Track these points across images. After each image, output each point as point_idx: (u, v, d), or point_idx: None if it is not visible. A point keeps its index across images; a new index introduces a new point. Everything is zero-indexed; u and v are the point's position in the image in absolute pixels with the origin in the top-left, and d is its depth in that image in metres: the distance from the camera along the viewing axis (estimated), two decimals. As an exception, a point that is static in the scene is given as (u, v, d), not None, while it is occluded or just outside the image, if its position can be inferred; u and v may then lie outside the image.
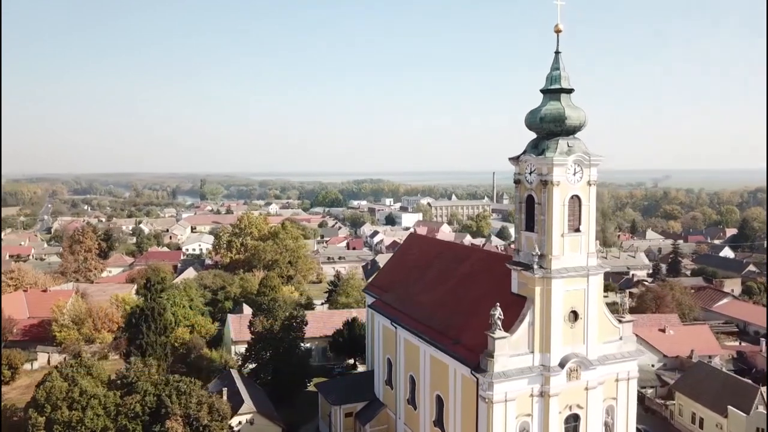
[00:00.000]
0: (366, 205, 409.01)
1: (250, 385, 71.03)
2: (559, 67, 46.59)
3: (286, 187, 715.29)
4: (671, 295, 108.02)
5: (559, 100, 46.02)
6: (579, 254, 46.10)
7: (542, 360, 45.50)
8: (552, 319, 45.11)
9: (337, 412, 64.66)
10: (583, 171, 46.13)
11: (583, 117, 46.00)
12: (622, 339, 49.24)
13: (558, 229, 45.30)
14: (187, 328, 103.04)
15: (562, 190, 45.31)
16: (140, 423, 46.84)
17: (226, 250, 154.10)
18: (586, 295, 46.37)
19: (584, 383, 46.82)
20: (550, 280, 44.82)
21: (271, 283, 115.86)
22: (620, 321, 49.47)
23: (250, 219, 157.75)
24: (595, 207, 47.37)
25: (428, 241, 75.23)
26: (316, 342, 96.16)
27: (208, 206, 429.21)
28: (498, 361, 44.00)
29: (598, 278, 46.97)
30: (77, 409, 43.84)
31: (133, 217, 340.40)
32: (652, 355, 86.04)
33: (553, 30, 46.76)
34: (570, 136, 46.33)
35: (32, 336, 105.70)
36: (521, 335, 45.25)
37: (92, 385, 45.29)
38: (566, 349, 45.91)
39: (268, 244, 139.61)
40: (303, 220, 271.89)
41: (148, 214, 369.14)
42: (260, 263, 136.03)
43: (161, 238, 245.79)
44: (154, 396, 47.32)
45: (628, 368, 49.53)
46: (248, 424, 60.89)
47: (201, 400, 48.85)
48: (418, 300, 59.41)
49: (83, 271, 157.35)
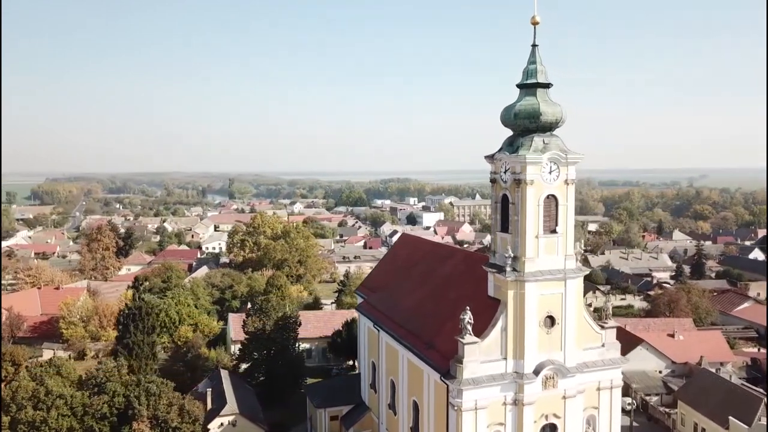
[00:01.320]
0: (389, 204, 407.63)
1: (240, 386, 70.47)
2: (536, 61, 44.47)
3: (314, 186, 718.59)
4: (686, 298, 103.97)
5: (535, 96, 43.96)
6: (556, 257, 44.00)
7: (516, 367, 43.56)
8: (526, 324, 43.14)
9: (322, 415, 63.60)
10: (559, 169, 43.97)
11: (560, 113, 43.82)
12: (605, 346, 46.95)
13: (532, 231, 43.29)
14: (190, 326, 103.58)
15: (536, 189, 43.27)
16: (108, 424, 46.47)
17: (239, 249, 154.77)
18: (564, 299, 44.25)
19: (561, 392, 44.69)
20: (524, 284, 42.88)
21: (278, 282, 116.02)
22: (602, 327, 47.13)
23: (263, 218, 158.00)
24: (573, 207, 45.09)
25: (417, 241, 73.53)
26: (316, 342, 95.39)
27: (234, 205, 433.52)
28: (467, 367, 42.26)
29: (576, 282, 44.80)
30: (42, 409, 43.63)
31: (159, 215, 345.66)
32: (659, 361, 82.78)
33: (530, 22, 44.72)
34: (547, 133, 44.22)
35: (41, 333, 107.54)
36: (493, 341, 43.37)
37: (59, 385, 45.03)
38: (542, 355, 43.87)
39: (279, 244, 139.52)
40: (324, 219, 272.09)
41: (174, 213, 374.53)
42: (270, 262, 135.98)
43: (183, 236, 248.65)
44: (123, 397, 46.87)
45: (611, 376, 47.20)
46: (230, 426, 60.21)
47: (171, 401, 48.25)
48: (399, 302, 57.91)
49: (100, 269, 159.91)
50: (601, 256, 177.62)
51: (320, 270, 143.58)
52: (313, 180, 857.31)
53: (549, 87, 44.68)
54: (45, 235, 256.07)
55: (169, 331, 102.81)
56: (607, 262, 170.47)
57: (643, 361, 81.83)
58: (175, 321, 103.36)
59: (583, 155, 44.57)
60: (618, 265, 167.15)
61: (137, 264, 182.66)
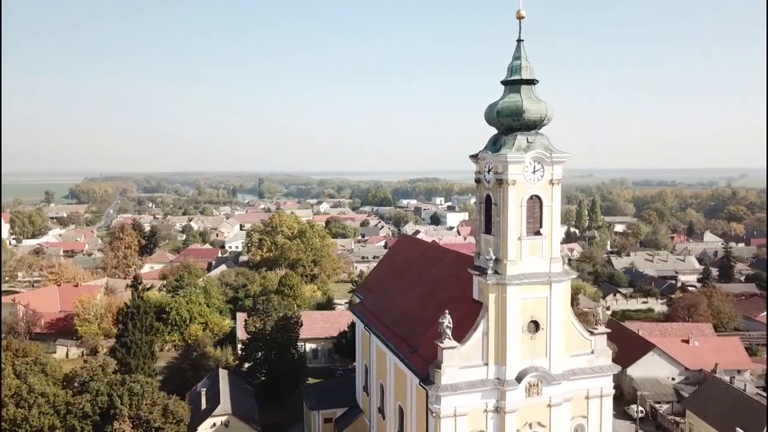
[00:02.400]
0: (414, 204, 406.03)
1: (238, 386, 70.33)
2: (521, 57, 42.91)
3: (343, 186, 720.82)
4: (707, 302, 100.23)
5: (519, 92, 42.42)
6: (540, 259, 42.38)
7: (497, 373, 42.10)
8: (508, 329, 41.66)
9: (316, 417, 62.98)
10: (544, 169, 42.34)
11: (545, 110, 42.16)
12: (594, 352, 45.05)
13: (514, 232, 41.79)
14: (201, 325, 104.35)
15: (518, 189, 41.73)
16: (90, 423, 46.62)
17: (257, 248, 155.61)
18: (549, 303, 42.59)
19: (546, 399, 43.04)
20: (505, 287, 41.40)
21: (290, 281, 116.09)
22: (592, 333, 45.27)
23: (280, 218, 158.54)
24: (559, 208, 43.40)
25: (414, 242, 72.34)
26: (323, 343, 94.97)
27: (262, 205, 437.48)
28: (446, 372, 41.01)
29: (562, 286, 43.02)
30: (24, 407, 43.99)
31: (186, 214, 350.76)
32: (672, 367, 79.93)
33: (515, 16, 43.18)
34: (532, 132, 42.65)
35: (58, 329, 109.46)
36: (473, 346, 42.01)
37: (42, 383, 45.34)
38: (525, 362, 42.31)
39: (294, 243, 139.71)
40: (347, 219, 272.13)
41: (203, 212, 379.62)
42: (285, 262, 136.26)
43: (208, 235, 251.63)
44: (106, 396, 46.98)
45: (601, 384, 45.25)
46: (223, 426, 60.05)
47: (155, 401, 48.15)
48: (390, 304, 56.89)
49: (122, 267, 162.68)
50: (625, 258, 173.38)
51: (336, 270, 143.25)
52: (342, 180, 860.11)
53: (534, 83, 43.04)
54: (75, 233, 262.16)
55: (179, 330, 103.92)
56: (631, 264, 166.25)
57: (654, 367, 79.26)
58: (185, 319, 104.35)
59: (568, 154, 42.85)
60: (642, 267, 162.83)
61: (160, 262, 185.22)
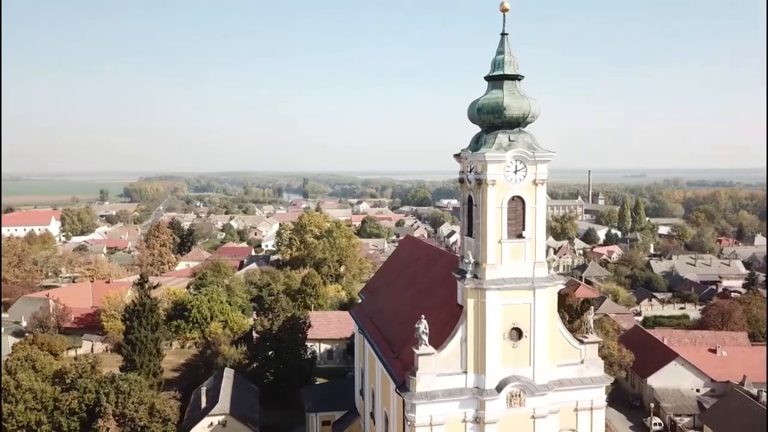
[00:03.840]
0: (454, 204, 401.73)
1: (243, 386, 70.40)
2: (504, 51, 40.92)
3: (386, 185, 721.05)
4: (742, 309, 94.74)
5: (501, 89, 40.47)
6: (523, 263, 40.32)
7: (477, 382, 40.28)
8: (487, 335, 39.80)
9: (314, 420, 62.29)
10: (527, 168, 40.25)
11: (528, 107, 40.03)
12: (584, 362, 42.60)
13: (494, 235, 39.88)
14: (221, 323, 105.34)
15: (498, 190, 39.80)
16: (78, 420, 47.18)
17: (286, 247, 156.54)
18: (532, 310, 40.47)
19: (530, 411, 40.91)
20: (484, 292, 39.56)
21: (312, 281, 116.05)
22: (581, 342, 42.86)
23: (309, 217, 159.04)
24: (544, 209, 41.20)
25: (417, 242, 70.57)
26: (337, 344, 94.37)
27: (304, 204, 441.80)
28: (421, 380, 39.50)
29: (547, 291, 40.78)
30: (11, 402, 44.82)
31: (229, 213, 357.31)
32: (696, 378, 75.67)
33: (499, 9, 41.21)
34: (515, 130, 40.63)
35: (87, 324, 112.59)
36: (451, 353, 40.33)
37: (30, 379, 46.13)
38: (507, 371, 40.33)
39: (321, 243, 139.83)
40: (383, 219, 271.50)
41: (246, 211, 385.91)
42: (311, 261, 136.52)
43: (246, 234, 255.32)
44: (94, 393, 47.46)
45: (592, 396, 42.70)
46: (220, 426, 60.07)
47: (143, 400, 48.34)
48: (384, 307, 55.70)
49: (157, 264, 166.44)
50: (666, 262, 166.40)
51: (362, 270, 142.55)
52: (387, 179, 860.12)
53: (518, 79, 41.00)
54: (120, 230, 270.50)
55: (200, 327, 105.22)
56: (671, 267, 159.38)
57: (676, 377, 75.33)
58: (206, 317, 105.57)
59: (553, 153, 40.63)
60: (684, 272, 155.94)
61: (195, 260, 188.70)
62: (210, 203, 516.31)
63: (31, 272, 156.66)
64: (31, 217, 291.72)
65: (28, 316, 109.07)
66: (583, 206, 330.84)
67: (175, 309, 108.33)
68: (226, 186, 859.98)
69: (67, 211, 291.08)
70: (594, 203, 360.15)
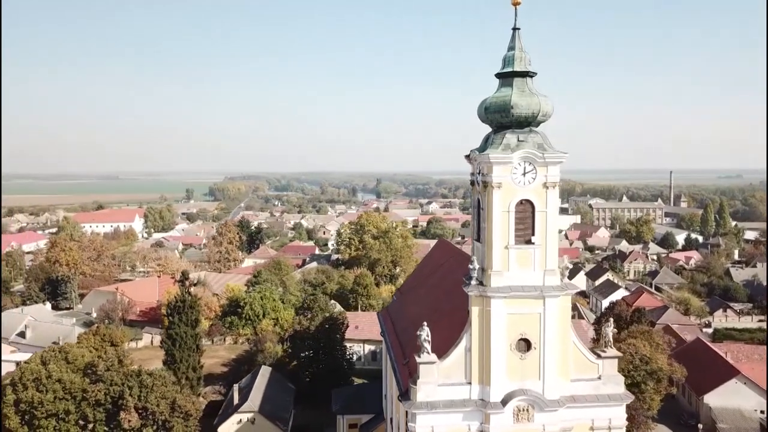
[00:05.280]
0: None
1: (277, 384, 71.24)
2: (515, 47, 38.88)
3: (460, 185, 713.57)
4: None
5: (511, 86, 38.46)
6: (532, 271, 38.19)
7: (481, 394, 38.57)
8: (492, 346, 38.01)
9: (341, 422, 62.05)
10: (536, 170, 38.05)
11: (538, 105, 37.77)
12: (602, 378, 39.78)
13: (500, 240, 37.99)
14: (272, 320, 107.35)
15: (505, 192, 37.86)
16: (103, 411, 49.13)
17: (346, 247, 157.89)
18: (542, 320, 38.23)
19: (539, 427, 38.70)
20: (489, 300, 37.82)
21: (364, 281, 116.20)
22: (599, 356, 40.04)
23: (368, 217, 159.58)
24: (556, 214, 38.78)
25: (447, 247, 68.50)
26: (381, 345, 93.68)
27: (375, 204, 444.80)
28: (422, 388, 38.28)
29: (559, 301, 38.40)
30: (42, 391, 47.29)
31: (302, 212, 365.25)
32: (761, 399, 69.43)
33: (510, 2, 39.22)
34: (525, 129, 38.51)
35: (150, 318, 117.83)
36: (455, 362, 38.82)
37: (61, 370, 48.50)
38: (513, 383, 38.35)
39: (377, 243, 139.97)
40: (451, 219, 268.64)
41: (319, 211, 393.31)
42: (366, 261, 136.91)
43: (315, 233, 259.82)
44: (119, 386, 49.28)
45: (610, 415, 39.82)
46: (249, 423, 61.08)
47: (165, 395, 49.71)
48: (406, 310, 54.66)
49: (223, 261, 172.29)
50: (748, 270, 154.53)
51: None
52: (461, 180, 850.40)
53: (529, 76, 38.82)
54: (197, 228, 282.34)
55: (252, 324, 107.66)
56: (754, 276, 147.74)
57: (738, 396, 69.48)
58: (258, 314, 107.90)
59: (566, 154, 38.16)
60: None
61: (261, 258, 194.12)
62: (287, 202, 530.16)
63: (108, 266, 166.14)
64: (118, 214, 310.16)
65: (97, 308, 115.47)
66: (663, 209, 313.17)
67: (230, 305, 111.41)
68: (304, 186, 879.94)
69: (149, 209, 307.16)
70: (676, 205, 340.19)
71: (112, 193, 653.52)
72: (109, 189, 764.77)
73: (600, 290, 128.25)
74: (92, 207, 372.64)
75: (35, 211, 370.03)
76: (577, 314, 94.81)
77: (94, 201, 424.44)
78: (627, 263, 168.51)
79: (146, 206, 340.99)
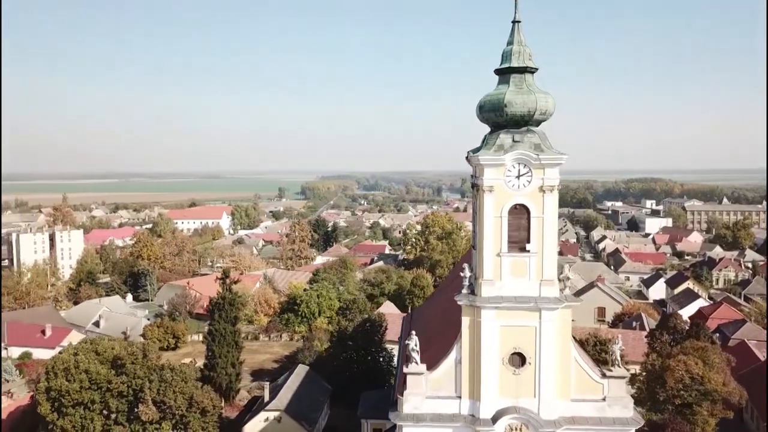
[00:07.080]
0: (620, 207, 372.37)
1: (312, 384, 71.48)
2: (514, 41, 36.36)
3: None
4: None
5: (508, 83, 36.03)
6: (527, 281, 35.61)
7: (471, 409, 36.49)
8: (483, 359, 35.84)
9: (365, 426, 61.16)
10: (532, 173, 35.40)
11: (534, 103, 35.07)
12: (606, 399, 36.42)
13: (492, 247, 35.69)
14: (326, 318, 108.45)
15: (497, 196, 35.52)
16: (126, 403, 51.23)
17: (411, 247, 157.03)
18: (538, 334, 35.60)
19: (534, 448, 36.11)
20: (479, 310, 35.68)
21: (421, 282, 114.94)
22: (604, 375, 36.70)
23: (434, 217, 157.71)
24: (554, 221, 35.90)
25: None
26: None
27: (456, 203, 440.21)
28: (408, 400, 36.75)
29: (557, 314, 35.58)
30: (71, 380, 49.97)
31: (383, 212, 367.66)
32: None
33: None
34: (522, 129, 35.95)
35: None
36: (444, 374, 36.97)
37: (89, 360, 51.00)
38: (506, 400, 35.98)
39: (440, 244, 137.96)
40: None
41: (400, 210, 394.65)
42: (428, 262, 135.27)
43: (391, 232, 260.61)
44: (141, 380, 51.19)
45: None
46: (275, 421, 61.71)
47: (183, 391, 51.06)
48: (424, 317, 52.93)
49: (295, 259, 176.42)
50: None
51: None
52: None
53: (529, 72, 36.17)
54: (280, 226, 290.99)
55: (308, 321, 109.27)
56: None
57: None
58: (314, 312, 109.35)
59: (565, 155, 35.20)
60: None
61: (334, 256, 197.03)
62: (373, 201, 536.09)
63: (188, 261, 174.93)
64: (208, 211, 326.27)
65: (168, 301, 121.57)
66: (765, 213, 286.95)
67: (288, 302, 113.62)
68: (391, 185, 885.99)
69: (236, 207, 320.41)
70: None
71: (210, 191, 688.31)
72: (208, 187, 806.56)
73: (677, 299, 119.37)
74: (187, 204, 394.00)
75: (138, 207, 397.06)
76: (639, 325, 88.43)
77: (189, 198, 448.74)
78: (716, 271, 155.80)
79: (234, 204, 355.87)
